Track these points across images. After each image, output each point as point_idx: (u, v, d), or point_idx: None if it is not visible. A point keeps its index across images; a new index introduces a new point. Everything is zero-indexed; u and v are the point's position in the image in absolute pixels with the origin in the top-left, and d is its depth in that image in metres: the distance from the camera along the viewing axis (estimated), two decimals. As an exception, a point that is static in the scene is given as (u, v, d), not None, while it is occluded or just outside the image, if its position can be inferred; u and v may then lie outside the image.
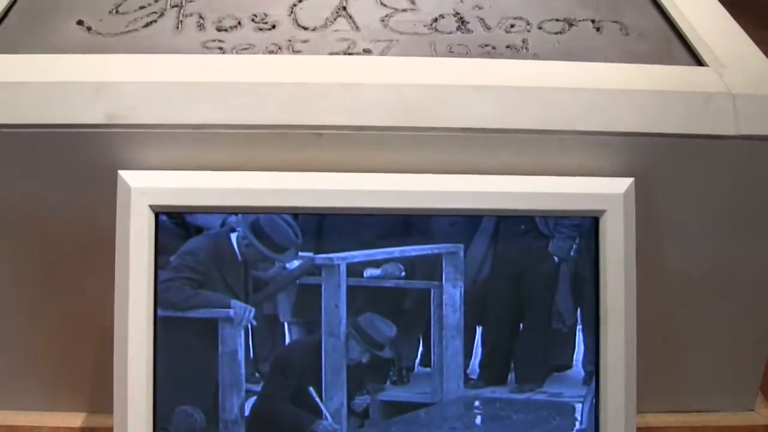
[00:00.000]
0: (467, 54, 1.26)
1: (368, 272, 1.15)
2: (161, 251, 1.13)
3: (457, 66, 1.20)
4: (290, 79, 1.15)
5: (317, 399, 1.14)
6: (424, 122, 1.14)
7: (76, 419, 1.29)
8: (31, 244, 1.19)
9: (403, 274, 1.16)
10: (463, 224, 1.15)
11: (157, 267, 1.12)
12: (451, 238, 1.15)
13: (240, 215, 1.13)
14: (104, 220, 1.14)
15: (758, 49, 1.29)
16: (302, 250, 1.14)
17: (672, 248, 1.21)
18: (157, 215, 1.12)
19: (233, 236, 1.14)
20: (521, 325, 1.17)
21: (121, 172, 1.12)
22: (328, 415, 1.14)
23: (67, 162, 1.15)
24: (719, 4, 1.42)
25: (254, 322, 1.14)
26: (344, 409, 1.15)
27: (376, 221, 1.14)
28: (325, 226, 1.14)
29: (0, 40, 1.27)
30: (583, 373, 1.17)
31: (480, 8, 1.37)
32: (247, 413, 1.14)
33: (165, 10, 1.34)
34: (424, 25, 1.32)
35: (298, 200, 1.11)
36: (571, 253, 1.16)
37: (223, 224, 1.14)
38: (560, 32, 1.33)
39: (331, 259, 1.14)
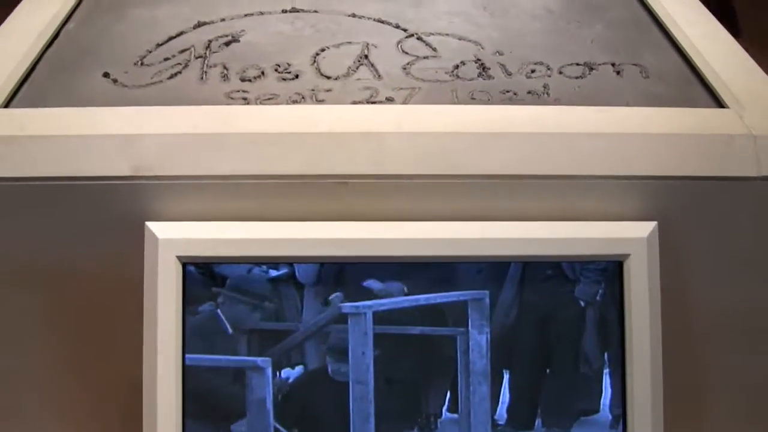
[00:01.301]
0: (489, 100, 1.27)
1: (368, 283, 1.15)
2: (189, 301, 1.14)
3: (479, 113, 1.21)
4: (314, 128, 1.16)
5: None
6: (448, 170, 1.15)
7: (106, 468, 1.29)
8: (59, 295, 1.20)
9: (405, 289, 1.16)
10: (488, 270, 1.15)
11: (185, 316, 1.13)
12: (476, 284, 1.15)
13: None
14: (132, 270, 1.15)
15: (778, 90, 1.29)
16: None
17: (697, 290, 1.21)
18: (184, 266, 1.13)
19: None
20: (548, 369, 1.18)
21: (149, 224, 1.13)
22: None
23: (94, 214, 1.16)
24: (738, 44, 1.43)
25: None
26: (372, 456, 1.15)
27: (401, 268, 1.15)
28: (350, 274, 1.15)
29: (28, 93, 1.29)
30: (610, 417, 1.17)
31: (501, 54, 1.38)
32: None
33: (189, 61, 1.36)
34: (446, 72, 1.33)
35: (324, 249, 1.12)
36: (597, 298, 1.16)
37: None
38: (581, 76, 1.34)
39: (357, 307, 1.14)
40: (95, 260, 1.18)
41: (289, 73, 1.33)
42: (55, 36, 1.43)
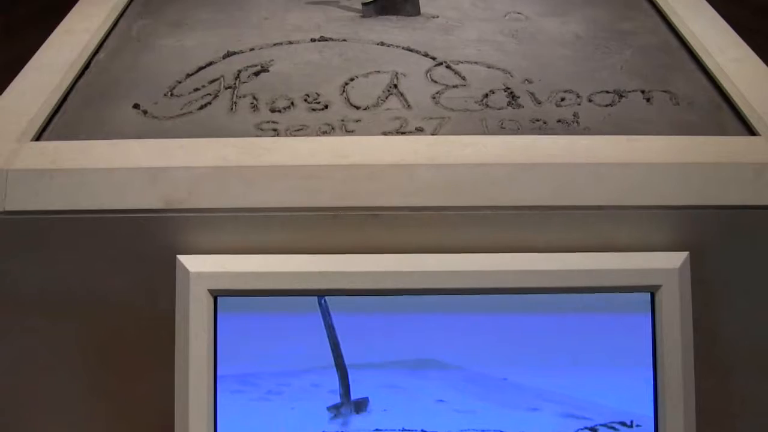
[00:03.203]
0: (519, 129, 1.27)
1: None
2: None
3: (509, 143, 1.21)
4: (345, 161, 1.17)
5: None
6: (479, 201, 1.15)
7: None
8: (91, 328, 1.20)
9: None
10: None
11: (217, 350, 1.13)
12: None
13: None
14: (163, 303, 1.16)
15: (809, 116, 1.29)
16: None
17: (729, 320, 1.21)
18: (215, 298, 1.13)
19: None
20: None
21: (180, 257, 1.14)
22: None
23: (125, 247, 1.17)
24: (768, 69, 1.43)
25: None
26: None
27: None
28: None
29: (60, 125, 1.29)
30: (643, 448, 1.17)
31: (530, 82, 1.38)
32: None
33: (219, 91, 1.36)
34: (475, 101, 1.33)
35: (356, 282, 1.12)
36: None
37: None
38: (610, 104, 1.33)
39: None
40: (127, 293, 1.18)
41: (319, 103, 1.33)
42: (86, 67, 1.44)
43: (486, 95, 1.35)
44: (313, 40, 1.52)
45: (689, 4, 1.61)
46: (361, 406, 1.14)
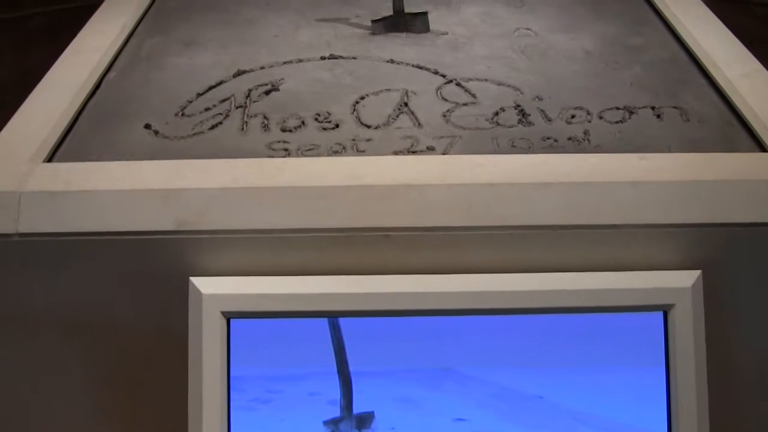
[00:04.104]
0: (530, 148, 1.27)
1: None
2: (233, 355, 1.14)
3: (520, 162, 1.21)
4: (357, 181, 1.17)
5: None
6: (490, 221, 1.15)
7: None
8: (104, 349, 1.21)
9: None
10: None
11: (230, 371, 1.13)
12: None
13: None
14: (176, 324, 1.16)
15: (820, 133, 1.29)
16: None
17: (743, 339, 1.21)
18: (228, 321, 1.13)
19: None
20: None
21: (193, 279, 1.14)
22: None
23: (137, 268, 1.17)
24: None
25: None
26: None
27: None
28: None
29: (71, 146, 1.30)
30: (657, 468, 1.16)
31: (540, 99, 1.38)
32: None
33: (230, 111, 1.37)
34: (486, 119, 1.33)
35: (368, 304, 1.12)
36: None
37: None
38: (621, 121, 1.33)
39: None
40: (139, 314, 1.19)
41: (330, 122, 1.33)
42: (97, 86, 1.45)
43: (496, 113, 1.35)
44: (323, 58, 1.52)
45: (698, 19, 1.61)
46: (364, 421, 1.12)
